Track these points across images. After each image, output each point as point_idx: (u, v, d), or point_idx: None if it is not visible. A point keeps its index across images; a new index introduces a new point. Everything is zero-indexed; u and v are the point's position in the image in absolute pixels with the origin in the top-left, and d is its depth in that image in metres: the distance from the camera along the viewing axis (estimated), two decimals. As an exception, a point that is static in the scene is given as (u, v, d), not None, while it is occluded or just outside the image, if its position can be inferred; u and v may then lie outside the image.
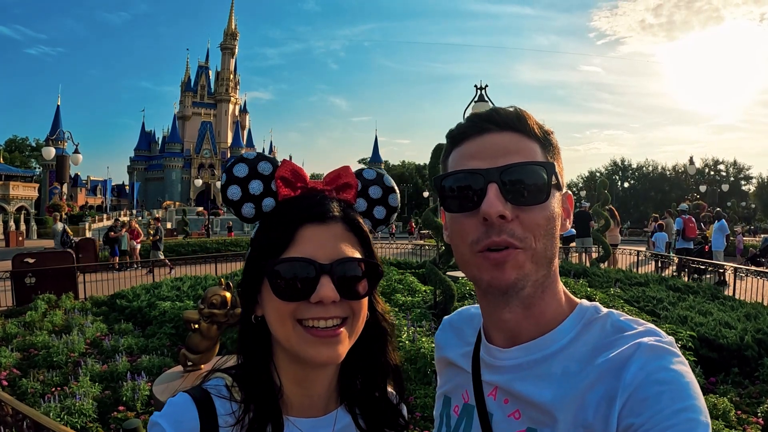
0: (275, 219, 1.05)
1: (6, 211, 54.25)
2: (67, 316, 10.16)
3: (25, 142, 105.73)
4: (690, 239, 17.90)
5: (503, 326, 1.03)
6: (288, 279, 0.98)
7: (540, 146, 1.00)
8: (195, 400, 1.00)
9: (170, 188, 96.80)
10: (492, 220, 0.92)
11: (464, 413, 1.11)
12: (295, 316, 0.98)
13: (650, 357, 0.85)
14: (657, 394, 0.81)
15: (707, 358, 6.84)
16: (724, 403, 5.19)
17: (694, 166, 38.88)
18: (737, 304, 9.74)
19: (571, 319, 1.01)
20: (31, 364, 7.28)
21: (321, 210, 1.02)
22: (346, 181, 1.10)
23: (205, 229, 41.31)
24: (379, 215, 1.15)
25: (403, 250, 23.40)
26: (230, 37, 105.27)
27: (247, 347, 1.09)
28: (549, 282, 1.00)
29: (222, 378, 1.07)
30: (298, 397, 1.07)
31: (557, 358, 0.97)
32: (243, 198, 1.05)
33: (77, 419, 5.25)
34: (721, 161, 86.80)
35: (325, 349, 0.98)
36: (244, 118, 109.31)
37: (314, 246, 0.99)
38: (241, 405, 1.02)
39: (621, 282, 11.89)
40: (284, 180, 1.05)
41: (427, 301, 9.77)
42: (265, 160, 1.08)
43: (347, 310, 1.01)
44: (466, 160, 1.00)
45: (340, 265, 0.99)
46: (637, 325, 0.95)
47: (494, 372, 1.05)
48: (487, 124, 1.00)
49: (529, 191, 0.94)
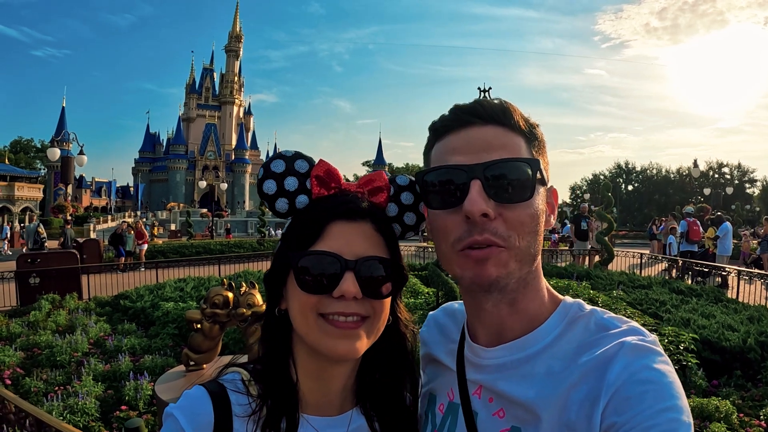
0: (306, 215, 1.06)
1: (11, 211, 54.50)
2: (70, 316, 10.20)
3: (30, 144, 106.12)
4: (694, 242, 17.86)
5: (487, 322, 1.03)
6: (313, 272, 0.99)
7: (525, 140, 0.98)
8: (211, 393, 1.00)
9: (174, 190, 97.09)
10: (475, 218, 0.91)
11: (449, 411, 1.10)
12: (317, 310, 0.99)
13: (634, 356, 0.85)
14: (640, 393, 0.81)
15: (710, 361, 6.81)
16: (726, 405, 5.16)
17: (698, 169, 38.81)
18: (740, 306, 9.72)
19: (554, 316, 1.00)
20: (35, 364, 7.31)
21: (350, 207, 1.04)
22: (379, 184, 1.11)
23: (209, 230, 41.38)
24: (410, 221, 1.15)
25: (407, 252, 23.34)
26: (235, 40, 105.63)
27: (269, 340, 1.10)
28: (532, 278, 0.99)
29: (238, 372, 1.08)
30: (315, 393, 1.08)
31: (541, 357, 0.96)
32: (278, 193, 1.08)
33: (80, 418, 5.27)
34: (725, 164, 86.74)
35: (343, 342, 0.99)
36: (248, 120, 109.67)
37: (341, 242, 1.01)
38: (257, 400, 1.02)
39: (624, 284, 11.86)
40: (319, 179, 1.07)
41: (430, 302, 9.76)
42: (302, 158, 1.10)
43: (368, 308, 1.01)
44: (449, 154, 0.98)
45: (364, 263, 1.00)
46: (621, 323, 0.95)
47: (478, 371, 1.05)
48: (471, 117, 0.97)
49: (513, 188, 0.92)
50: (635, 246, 30.97)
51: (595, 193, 55.60)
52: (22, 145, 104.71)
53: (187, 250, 26.69)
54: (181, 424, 0.95)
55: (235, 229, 54.31)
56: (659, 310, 9.13)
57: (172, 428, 0.96)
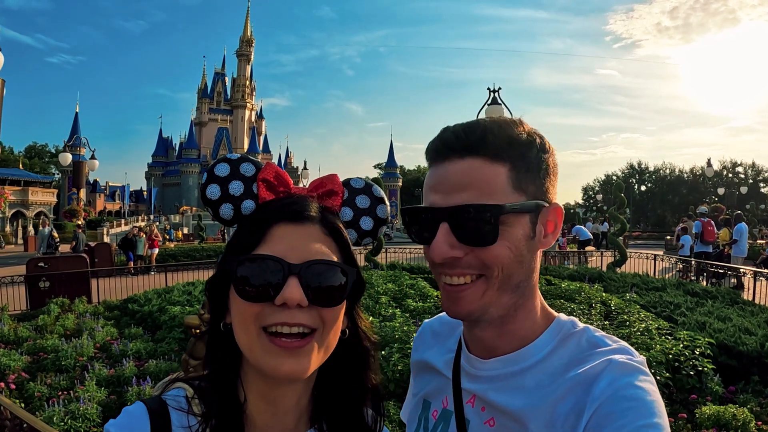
0: (250, 219, 1.00)
1: (25, 216, 55.14)
2: (78, 320, 10.21)
3: (44, 149, 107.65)
4: (709, 243, 17.67)
5: (478, 342, 1.06)
6: (252, 278, 0.91)
7: (508, 167, 0.94)
8: (150, 411, 0.93)
9: (187, 194, 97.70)
10: (441, 262, 0.95)
11: (441, 418, 1.12)
12: (259, 322, 0.91)
13: (620, 374, 0.87)
14: (623, 410, 0.83)
15: (726, 366, 6.62)
16: (743, 413, 5.00)
17: (711, 169, 38.33)
18: (757, 309, 9.48)
19: (547, 333, 1.02)
20: (40, 368, 7.29)
21: (296, 209, 0.97)
22: (331, 188, 1.06)
23: (221, 234, 41.61)
24: (366, 226, 1.10)
25: (417, 255, 23.29)
26: (246, 44, 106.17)
27: (214, 357, 1.01)
28: (522, 302, 1.00)
29: (183, 388, 1.00)
30: (264, 415, 0.99)
31: (532, 371, 0.99)
32: (222, 198, 1.01)
33: (81, 424, 5.22)
34: (739, 163, 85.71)
35: (288, 361, 0.90)
36: (260, 124, 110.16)
37: (285, 245, 0.93)
38: (200, 419, 0.94)
39: (637, 287, 11.68)
40: (266, 183, 1.01)
41: (439, 306, 9.65)
42: (248, 161, 1.04)
43: (316, 319, 0.92)
44: (427, 191, 1.00)
45: (310, 267, 0.91)
46: (612, 341, 0.97)
47: (473, 381, 1.07)
48: (447, 151, 0.97)
49: (478, 233, 0.92)
50: (648, 247, 30.61)
51: (608, 194, 55.23)
52: (36, 150, 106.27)
53: (198, 254, 26.84)
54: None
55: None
56: (674, 313, 8.94)
57: None
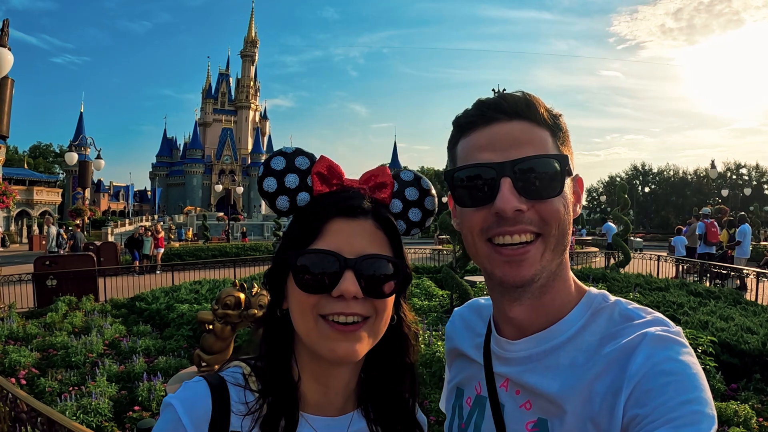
0: (306, 212, 1.04)
1: (30, 215, 55.31)
2: (86, 317, 10.30)
3: (49, 149, 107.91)
4: (712, 244, 17.63)
5: (512, 319, 1.03)
6: (311, 271, 0.97)
7: (550, 133, 0.98)
8: (211, 386, 0.99)
9: (191, 194, 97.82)
10: (507, 215, 0.92)
11: (476, 404, 1.11)
12: (316, 311, 0.97)
13: (656, 347, 0.84)
14: (662, 385, 0.79)
15: (728, 364, 6.69)
16: (745, 410, 5.06)
17: (715, 170, 38.09)
18: (760, 309, 9.53)
19: (578, 308, 1.00)
20: (50, 364, 7.38)
21: (351, 204, 1.01)
22: (382, 180, 1.08)
23: (225, 234, 41.70)
24: (415, 218, 1.12)
25: (422, 255, 23.33)
26: (250, 45, 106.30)
27: (270, 339, 1.08)
28: (561, 269, 1.00)
29: (240, 366, 1.06)
30: (316, 393, 1.06)
31: (565, 348, 0.97)
32: (278, 190, 1.06)
33: (93, 418, 5.29)
34: (743, 165, 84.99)
35: (343, 344, 0.97)
36: (264, 124, 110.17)
37: (340, 240, 0.98)
38: (257, 395, 1.00)
39: (641, 287, 11.73)
40: (320, 175, 1.05)
41: (444, 305, 9.73)
42: (303, 155, 1.08)
43: (369, 308, 0.99)
44: (477, 152, 0.98)
45: (365, 261, 0.97)
46: (645, 313, 0.94)
47: (505, 364, 1.06)
48: (496, 114, 0.97)
49: (543, 184, 0.93)
50: (652, 249, 30.56)
51: (612, 195, 55.07)
52: (41, 150, 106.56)
53: (203, 253, 26.98)
54: (178, 415, 0.94)
55: (251, 232, 54.61)
56: (677, 313, 8.99)
57: (169, 418, 0.94)
